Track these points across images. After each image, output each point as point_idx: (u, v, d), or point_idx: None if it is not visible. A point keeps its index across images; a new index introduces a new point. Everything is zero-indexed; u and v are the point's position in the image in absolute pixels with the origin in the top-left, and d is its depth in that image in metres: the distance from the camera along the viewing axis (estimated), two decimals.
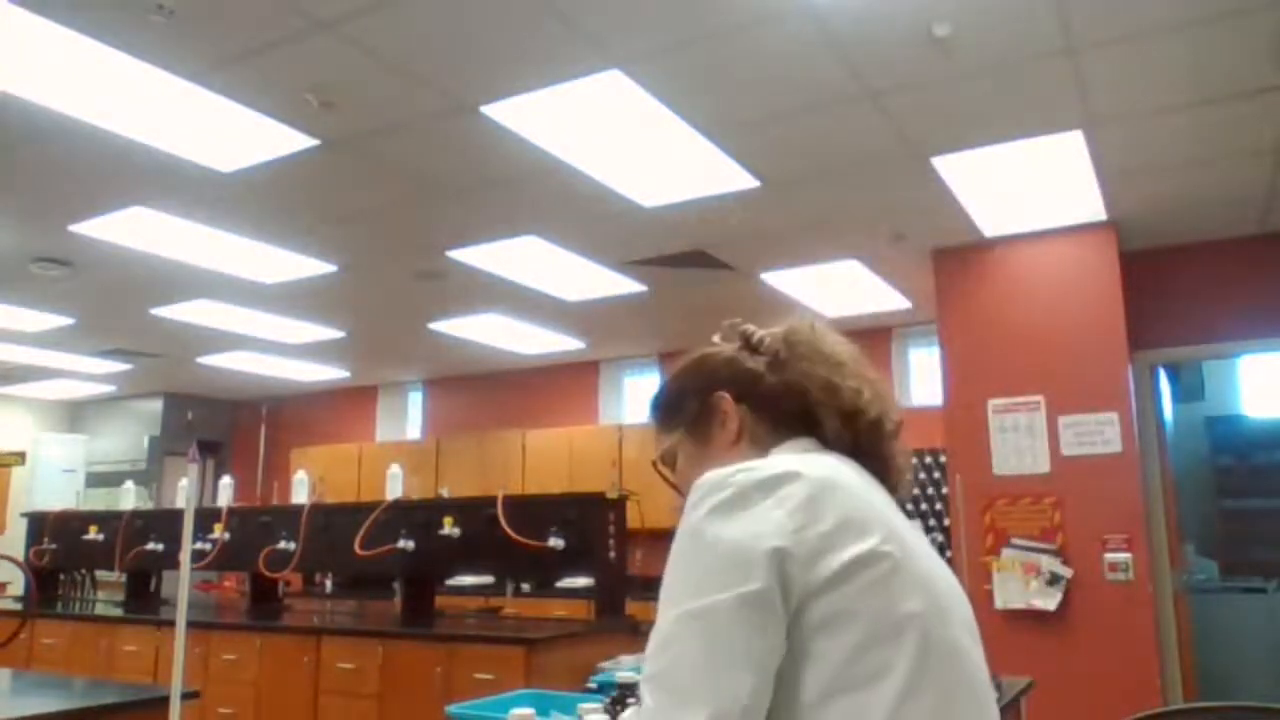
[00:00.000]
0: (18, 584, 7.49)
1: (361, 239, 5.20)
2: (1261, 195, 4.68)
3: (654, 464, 1.24)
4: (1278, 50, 3.27)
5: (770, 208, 4.62)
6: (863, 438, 1.07)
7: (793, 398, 1.10)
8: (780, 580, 0.87)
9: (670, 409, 1.21)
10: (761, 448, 1.10)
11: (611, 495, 4.42)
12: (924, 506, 6.15)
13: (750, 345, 1.18)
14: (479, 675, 3.86)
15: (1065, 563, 4.75)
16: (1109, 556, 4.68)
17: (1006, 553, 4.89)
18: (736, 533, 0.89)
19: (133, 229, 4.92)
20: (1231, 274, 5.20)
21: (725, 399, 1.14)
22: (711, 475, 0.95)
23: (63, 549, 6.23)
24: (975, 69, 3.39)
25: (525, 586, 6.44)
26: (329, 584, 7.11)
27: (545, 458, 8.09)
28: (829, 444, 1.08)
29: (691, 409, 1.17)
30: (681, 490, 1.10)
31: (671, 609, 0.89)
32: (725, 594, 0.86)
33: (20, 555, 6.08)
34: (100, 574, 6.44)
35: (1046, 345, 4.95)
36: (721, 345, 1.23)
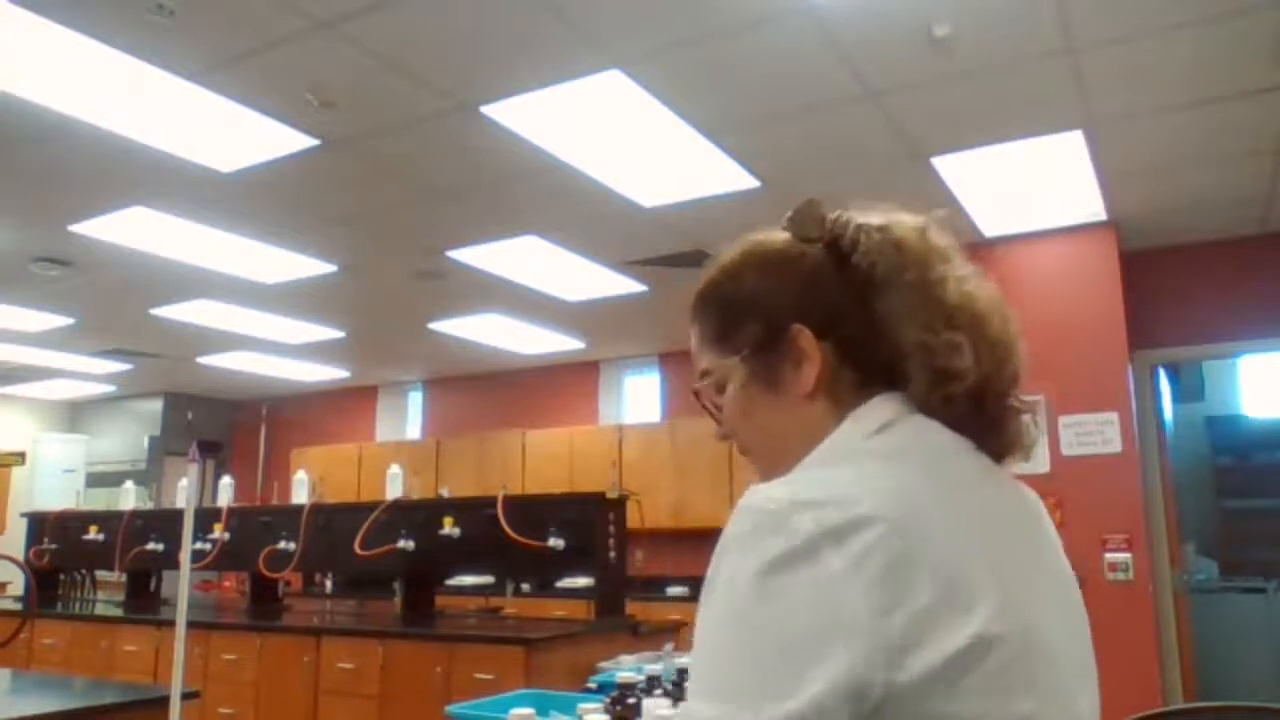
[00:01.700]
0: (18, 584, 7.50)
1: (361, 239, 5.20)
2: (1261, 195, 4.68)
3: (694, 391, 0.96)
4: (1278, 50, 3.27)
5: (770, 208, 4.61)
6: (959, 404, 0.79)
7: (883, 340, 0.82)
8: (852, 692, 0.63)
9: (723, 324, 0.90)
10: (842, 407, 0.82)
11: (611, 495, 4.42)
12: None
13: (841, 247, 0.86)
14: (479, 675, 3.86)
15: None
16: (1109, 556, 4.68)
17: None
18: (800, 619, 0.64)
19: (133, 229, 4.92)
20: (1231, 274, 5.21)
21: (805, 335, 0.83)
22: (765, 502, 0.70)
23: (63, 549, 6.23)
24: (975, 69, 3.39)
25: (525, 586, 6.44)
26: (329, 584, 7.11)
27: (545, 458, 8.09)
28: (918, 404, 0.81)
29: (754, 334, 0.86)
30: (727, 429, 0.92)
31: (703, 704, 0.66)
32: (776, 710, 0.63)
33: (20, 555, 6.08)
34: (100, 574, 6.44)
35: (1046, 345, 4.95)
36: (790, 239, 0.89)
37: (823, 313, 0.84)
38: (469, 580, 6.26)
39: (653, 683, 1.76)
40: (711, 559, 0.72)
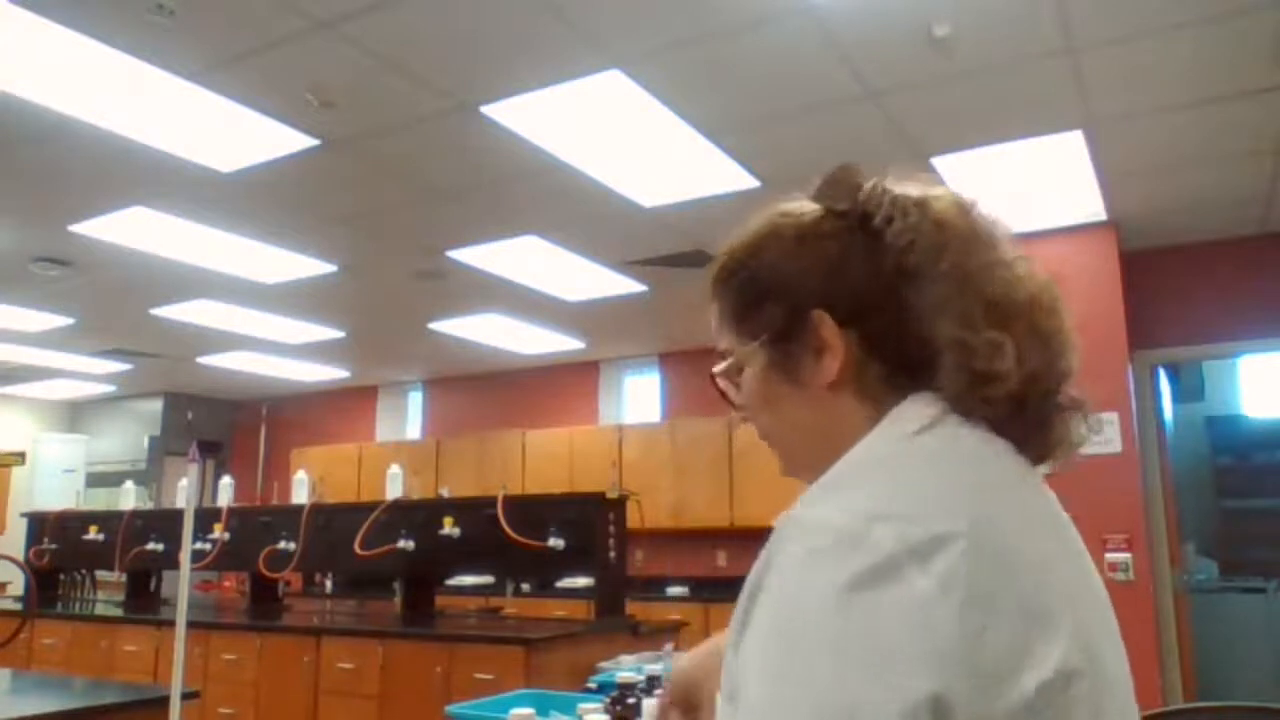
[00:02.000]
0: (18, 584, 7.50)
1: (361, 239, 5.20)
2: (1261, 195, 4.68)
3: (712, 377, 0.88)
4: (1278, 50, 3.27)
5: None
6: (1000, 405, 0.73)
7: (915, 332, 0.75)
8: None
9: (742, 304, 0.83)
10: (869, 402, 0.76)
11: (611, 495, 4.42)
12: None
13: (873, 223, 0.78)
14: (479, 675, 3.86)
15: None
16: (1109, 556, 4.68)
17: None
18: (889, 641, 0.58)
19: (133, 229, 4.92)
20: (1231, 274, 5.21)
21: (828, 324, 0.76)
22: (837, 515, 0.64)
23: (63, 549, 6.23)
24: (975, 69, 3.39)
25: (525, 586, 6.45)
26: (329, 584, 7.11)
27: (545, 458, 8.09)
28: (953, 404, 0.74)
29: (772, 319, 0.80)
30: (746, 414, 0.86)
31: None
32: None
33: (20, 555, 6.08)
34: (100, 574, 6.44)
35: None
36: (820, 211, 0.81)
37: (849, 299, 0.76)
38: (469, 580, 6.27)
39: (653, 683, 1.76)
40: (764, 573, 0.65)
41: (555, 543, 4.29)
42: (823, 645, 0.59)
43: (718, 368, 0.86)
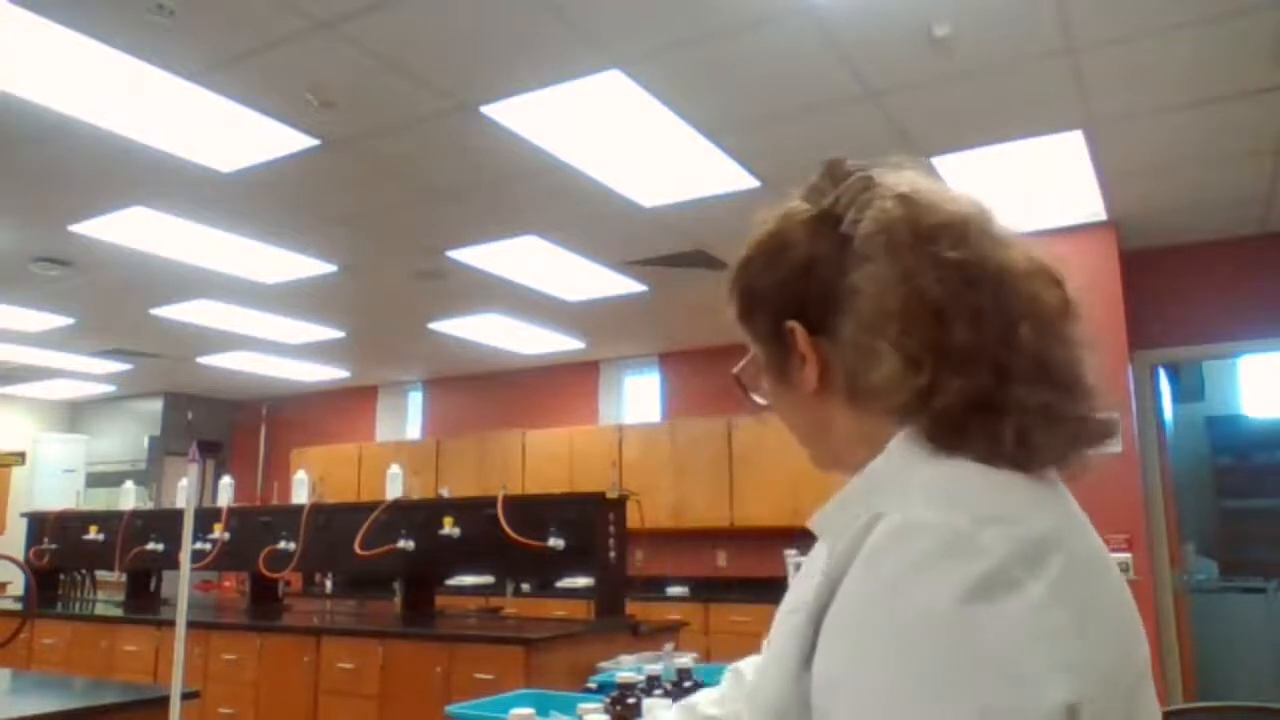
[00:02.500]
0: (18, 584, 7.50)
1: (361, 239, 5.20)
2: (1261, 195, 4.68)
3: (735, 376, 0.89)
4: (1278, 50, 3.27)
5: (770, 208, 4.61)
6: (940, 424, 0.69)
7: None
8: None
9: (741, 311, 0.85)
10: (860, 409, 0.75)
11: (611, 495, 4.42)
12: None
13: (841, 227, 0.76)
14: (479, 675, 3.86)
15: None
16: None
17: None
18: (1017, 653, 0.56)
19: (133, 229, 4.92)
20: (1231, 274, 5.21)
21: (799, 334, 0.77)
22: (944, 518, 0.61)
23: (63, 549, 6.23)
24: (975, 69, 3.39)
25: (525, 586, 6.44)
26: (329, 584, 7.11)
27: (545, 458, 8.09)
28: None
29: (763, 325, 0.81)
30: (768, 406, 0.86)
31: None
32: None
33: (20, 555, 6.08)
34: (100, 574, 6.44)
35: None
36: (806, 211, 0.81)
37: (816, 308, 0.76)
38: (469, 580, 6.26)
39: (653, 683, 1.75)
40: (857, 591, 0.62)
41: (555, 543, 4.29)
42: (950, 657, 0.56)
43: (736, 368, 0.88)
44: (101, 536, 6.05)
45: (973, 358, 0.68)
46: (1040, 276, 0.74)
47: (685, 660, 1.78)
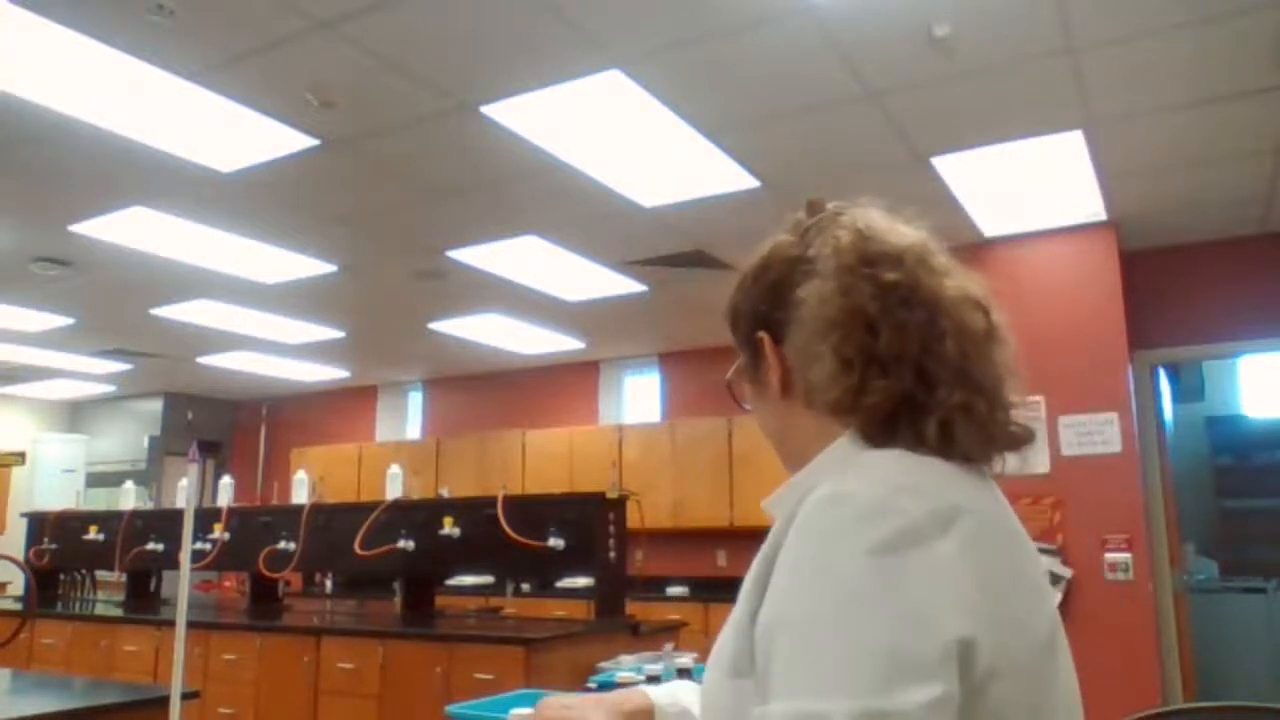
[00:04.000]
0: (18, 584, 7.50)
1: (361, 239, 5.20)
2: (1261, 195, 4.68)
3: (727, 383, 1.00)
4: (1278, 50, 3.27)
5: (770, 208, 4.62)
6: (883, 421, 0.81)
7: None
8: (968, 669, 0.66)
9: (730, 322, 0.97)
10: (820, 414, 0.85)
11: (611, 495, 4.42)
12: None
13: (808, 254, 0.88)
14: (479, 675, 3.86)
15: (1065, 563, 4.75)
16: (1109, 556, 4.68)
17: None
18: (923, 598, 0.66)
19: (133, 229, 4.92)
20: (1231, 274, 5.21)
21: (766, 343, 0.89)
22: (863, 488, 0.72)
23: (63, 549, 6.23)
24: (975, 69, 3.39)
25: (525, 586, 6.44)
26: (329, 584, 7.11)
27: (545, 458, 8.09)
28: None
29: (744, 336, 0.94)
30: (751, 413, 0.97)
31: (838, 700, 0.62)
32: (910, 699, 0.62)
33: (20, 555, 6.08)
34: (100, 574, 6.44)
35: (1046, 345, 4.95)
36: (790, 240, 0.92)
37: (779, 322, 0.88)
38: (469, 580, 6.27)
39: (652, 683, 1.75)
40: (793, 544, 0.72)
41: (555, 543, 4.29)
42: (862, 600, 0.66)
43: (727, 375, 0.99)
44: (101, 536, 6.05)
45: (897, 362, 0.80)
46: (968, 303, 0.83)
47: (685, 660, 1.78)
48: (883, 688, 0.62)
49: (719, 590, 6.95)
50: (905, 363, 0.79)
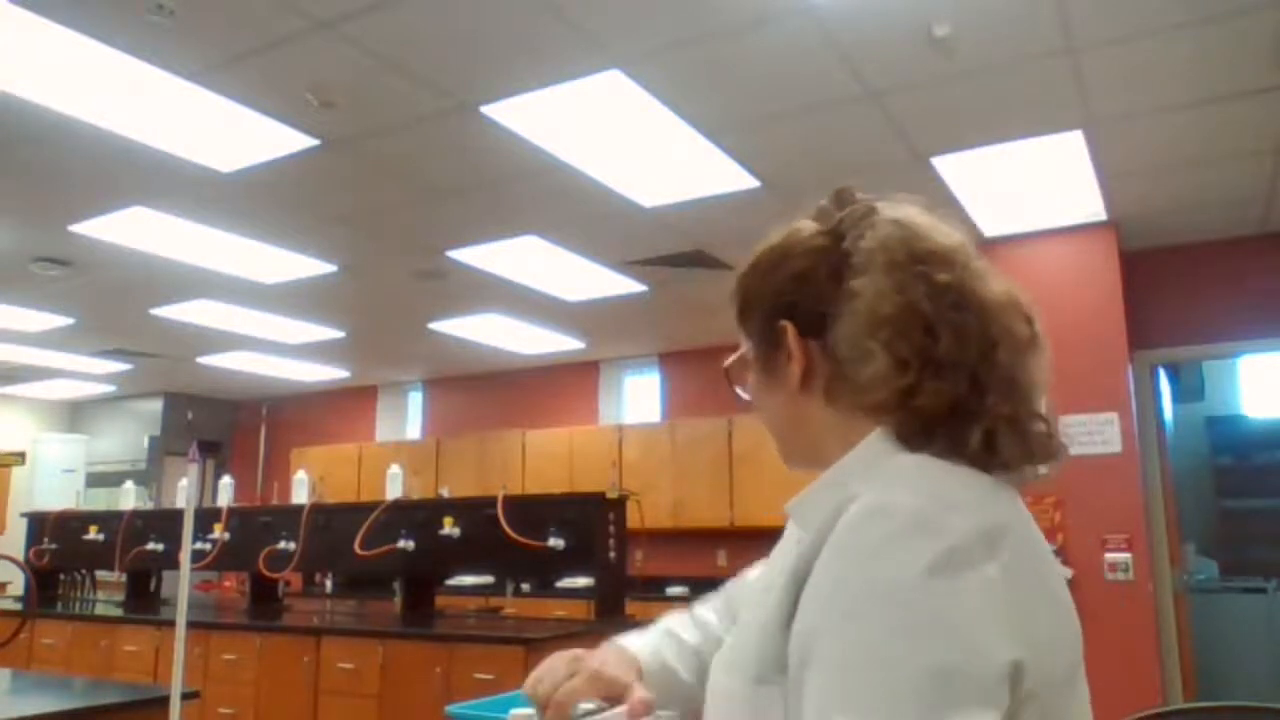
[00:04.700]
0: (18, 584, 7.50)
1: (361, 239, 5.20)
2: (1261, 195, 4.68)
3: (725, 370, 0.97)
4: (1278, 50, 3.27)
5: (770, 208, 4.62)
6: (916, 424, 0.78)
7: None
8: (1015, 690, 0.66)
9: (740, 311, 0.93)
10: (840, 409, 0.83)
11: (611, 495, 4.42)
12: None
13: (843, 245, 0.84)
14: (479, 675, 3.86)
15: (1065, 563, 4.75)
16: (1109, 556, 4.68)
17: None
18: (970, 619, 0.65)
19: (133, 229, 4.92)
20: (1231, 274, 5.20)
21: (790, 333, 0.85)
22: (910, 501, 0.70)
23: (63, 549, 6.23)
24: (975, 69, 3.39)
25: (525, 586, 6.44)
26: (329, 584, 7.11)
27: (545, 458, 8.09)
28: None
29: (757, 324, 0.89)
30: (751, 404, 0.94)
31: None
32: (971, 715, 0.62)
33: (20, 555, 6.08)
34: (100, 574, 6.44)
35: None
36: (813, 229, 0.88)
37: (809, 312, 0.84)
38: (469, 580, 6.26)
39: None
40: (834, 560, 0.70)
41: (555, 543, 4.29)
42: (915, 622, 0.64)
43: (727, 362, 0.96)
44: (101, 536, 6.05)
45: (954, 367, 0.77)
46: (1014, 309, 0.81)
47: None
48: (934, 711, 0.61)
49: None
50: (962, 369, 0.76)
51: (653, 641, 1.03)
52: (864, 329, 0.79)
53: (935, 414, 0.76)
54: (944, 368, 0.76)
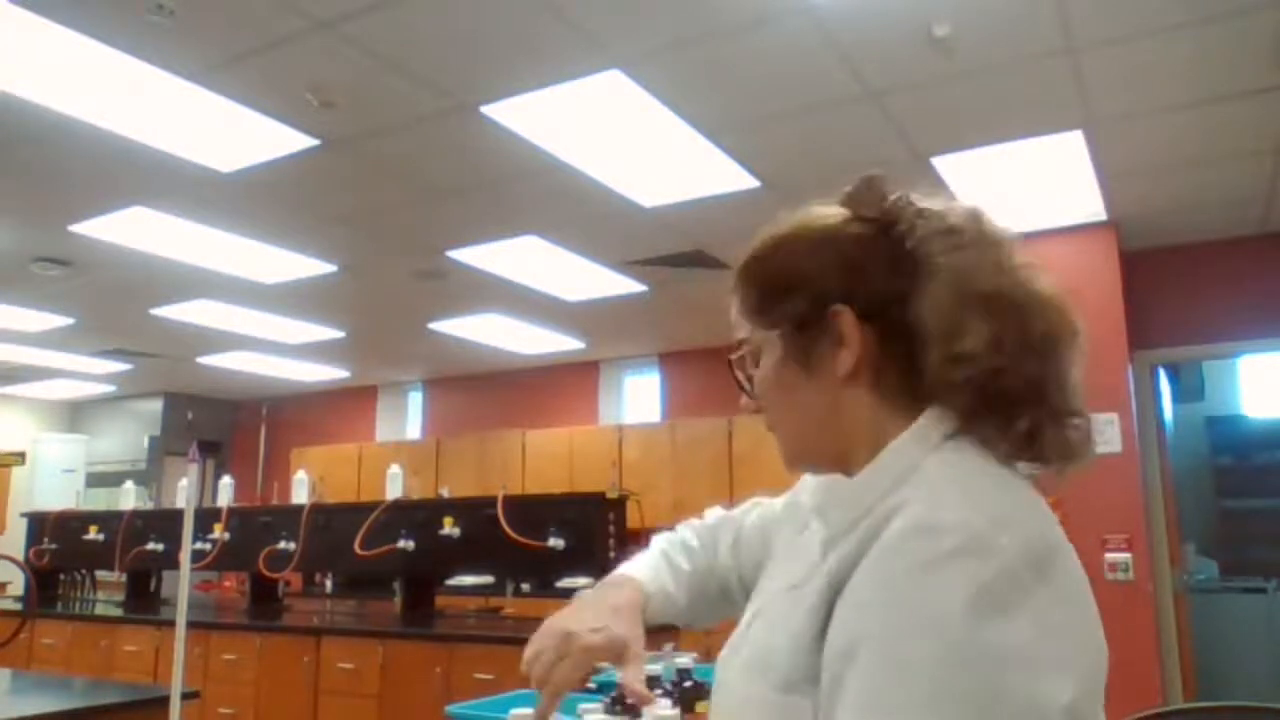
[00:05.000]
0: (18, 584, 7.49)
1: (361, 239, 5.20)
2: (1261, 195, 4.68)
3: (729, 361, 0.91)
4: (1278, 50, 3.26)
5: (770, 208, 4.60)
6: (992, 412, 0.76)
7: (921, 333, 0.79)
8: None
9: (765, 295, 0.86)
10: (883, 400, 0.80)
11: (611, 495, 4.42)
12: None
13: (896, 230, 0.82)
14: (479, 675, 3.86)
15: None
16: (1109, 556, 4.68)
17: None
18: (1020, 661, 0.63)
19: (133, 229, 4.92)
20: (1231, 274, 5.20)
21: (847, 317, 0.80)
22: (955, 522, 0.67)
23: (63, 549, 6.23)
24: (975, 69, 3.39)
25: (525, 586, 6.43)
26: (329, 584, 7.10)
27: (545, 458, 8.09)
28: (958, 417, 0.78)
29: (795, 309, 0.83)
30: (759, 404, 0.88)
31: None
32: None
33: (20, 555, 6.07)
34: (100, 574, 6.44)
35: None
36: (846, 216, 0.85)
37: (866, 297, 0.80)
38: (469, 580, 6.24)
39: (653, 683, 1.75)
40: (879, 579, 0.68)
41: (555, 543, 4.29)
42: (959, 654, 0.62)
43: (735, 354, 0.89)
44: (101, 536, 6.04)
45: (1035, 351, 0.75)
46: (1068, 305, 0.80)
47: (685, 660, 1.78)
48: None
49: None
50: (1035, 356, 0.75)
51: (652, 566, 1.06)
52: (955, 305, 0.76)
53: (1009, 397, 0.75)
54: (1031, 351, 0.75)
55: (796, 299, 0.83)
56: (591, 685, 2.47)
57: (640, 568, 1.06)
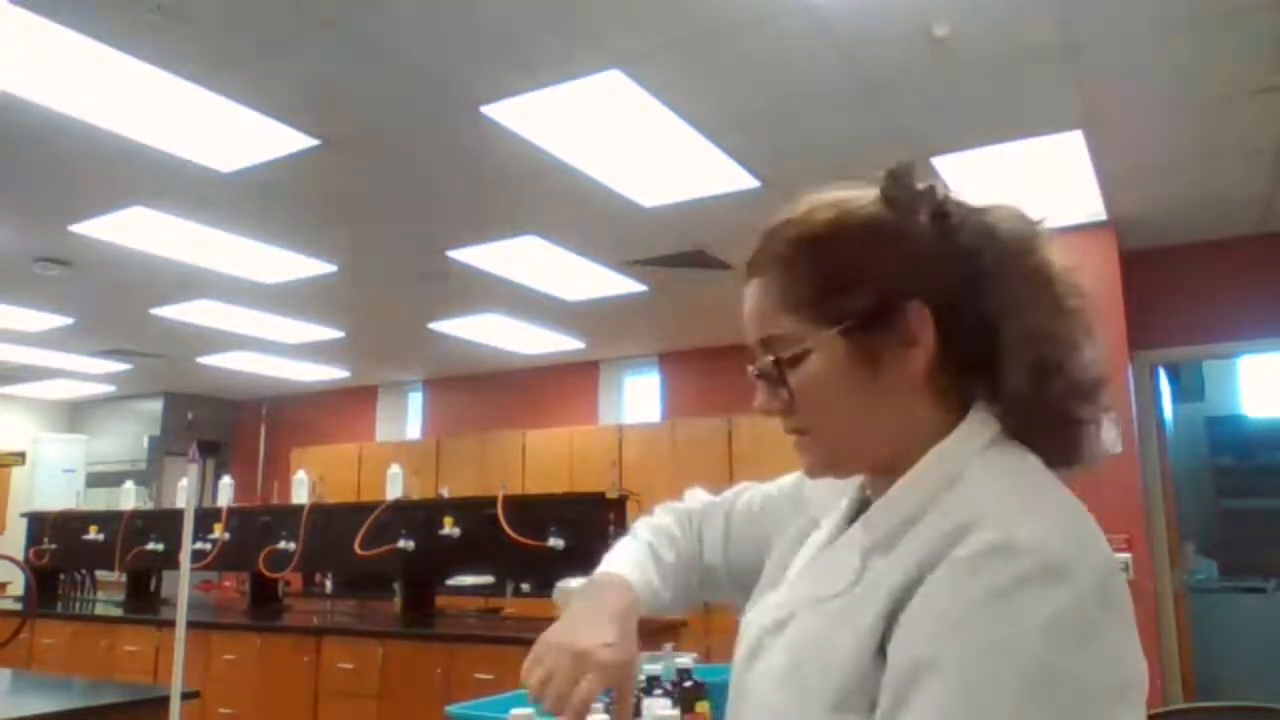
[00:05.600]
0: (18, 584, 7.49)
1: (361, 239, 5.20)
2: (1261, 195, 4.68)
3: (758, 361, 0.82)
4: (1278, 50, 3.26)
5: (770, 208, 4.60)
6: (1045, 414, 0.76)
7: (983, 333, 0.76)
8: None
9: (823, 287, 0.78)
10: (941, 401, 0.78)
11: (611, 495, 4.42)
12: None
13: (947, 222, 0.80)
14: (479, 675, 3.86)
15: None
16: None
17: None
18: (1101, 680, 0.63)
19: (133, 229, 4.92)
20: (1231, 274, 5.20)
21: (924, 315, 0.76)
22: (1032, 544, 0.65)
23: (63, 549, 6.23)
24: (975, 69, 3.39)
25: (525, 586, 6.43)
26: (329, 584, 7.10)
27: (545, 458, 8.09)
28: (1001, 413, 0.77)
29: (862, 305, 0.76)
30: (790, 406, 0.80)
31: None
32: None
33: (20, 555, 6.07)
34: (100, 574, 6.44)
35: None
36: (882, 204, 0.81)
37: (939, 294, 0.76)
38: (469, 580, 6.25)
39: (653, 683, 1.75)
40: (957, 589, 0.66)
41: (555, 543, 4.29)
42: (1034, 686, 0.61)
43: (767, 353, 0.81)
44: (101, 536, 6.04)
45: (1090, 347, 0.77)
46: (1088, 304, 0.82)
47: (685, 660, 1.78)
48: None
49: None
50: (1089, 350, 0.77)
51: (639, 563, 1.04)
52: (1052, 308, 0.76)
53: (1075, 391, 0.76)
54: (1088, 348, 0.76)
55: (861, 293, 0.76)
56: None
57: (627, 563, 1.03)
